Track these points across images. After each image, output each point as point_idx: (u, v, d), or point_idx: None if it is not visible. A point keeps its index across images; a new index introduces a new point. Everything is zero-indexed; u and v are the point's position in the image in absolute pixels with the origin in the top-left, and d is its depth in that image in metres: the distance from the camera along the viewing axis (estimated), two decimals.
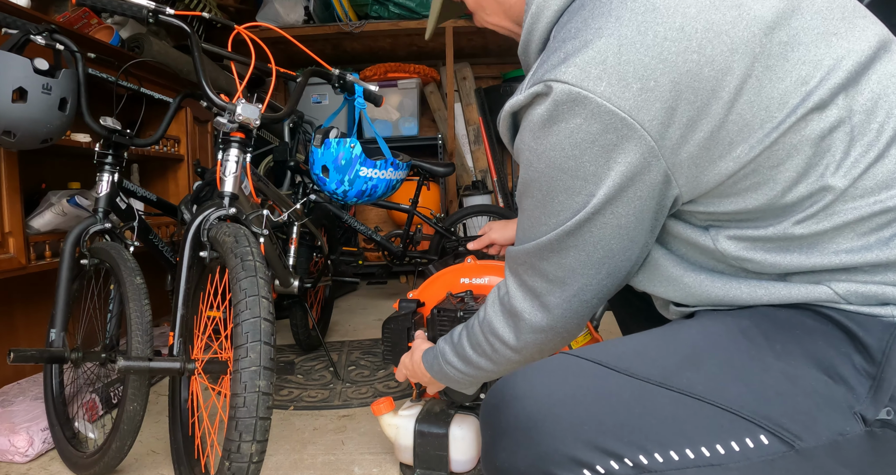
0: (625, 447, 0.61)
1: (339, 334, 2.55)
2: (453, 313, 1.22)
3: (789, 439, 0.59)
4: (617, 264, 0.71)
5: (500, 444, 0.67)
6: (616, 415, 0.63)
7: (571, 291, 0.74)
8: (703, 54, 0.61)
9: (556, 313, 0.76)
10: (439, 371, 0.99)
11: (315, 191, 2.35)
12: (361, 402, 1.76)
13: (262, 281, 1.07)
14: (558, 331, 0.78)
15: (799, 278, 0.67)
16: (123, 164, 1.54)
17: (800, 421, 0.60)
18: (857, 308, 0.64)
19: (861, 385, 0.61)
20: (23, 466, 1.42)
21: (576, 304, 0.75)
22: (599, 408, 0.64)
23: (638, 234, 0.69)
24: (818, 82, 0.62)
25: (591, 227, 0.68)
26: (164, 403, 1.71)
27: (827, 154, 0.62)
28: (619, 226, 0.68)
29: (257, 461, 0.98)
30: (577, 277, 0.72)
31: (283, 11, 3.40)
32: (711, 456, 0.60)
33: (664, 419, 0.62)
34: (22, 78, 1.30)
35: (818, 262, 0.64)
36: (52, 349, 1.36)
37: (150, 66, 2.09)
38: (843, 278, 0.65)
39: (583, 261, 0.71)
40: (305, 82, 1.60)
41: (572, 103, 0.63)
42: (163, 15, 1.31)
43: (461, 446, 1.23)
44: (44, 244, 1.69)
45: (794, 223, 0.64)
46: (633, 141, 0.62)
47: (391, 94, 3.53)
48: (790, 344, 0.64)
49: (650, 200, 0.66)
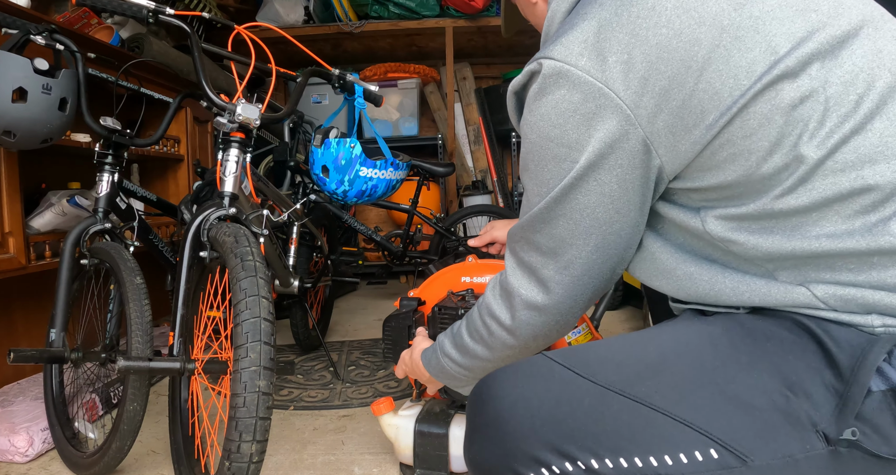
0: (578, 450, 0.65)
1: (339, 334, 2.55)
2: (454, 311, 1.22)
3: (741, 455, 0.60)
4: (605, 238, 0.73)
5: (475, 439, 0.74)
6: (574, 419, 0.67)
7: (563, 262, 0.76)
8: (672, 28, 0.66)
9: (552, 288, 0.77)
10: (437, 366, 0.99)
11: (315, 191, 2.35)
12: (361, 402, 1.76)
13: (262, 281, 1.07)
14: (552, 312, 0.79)
15: (782, 275, 0.67)
16: (123, 164, 1.54)
17: (754, 436, 0.60)
18: (837, 316, 0.63)
19: (827, 402, 0.60)
20: (23, 466, 1.42)
21: (568, 279, 0.76)
22: (560, 411, 0.68)
23: (624, 205, 0.71)
24: (787, 51, 0.63)
25: (576, 194, 0.72)
26: (164, 403, 1.71)
27: (799, 123, 0.63)
28: (603, 193, 0.71)
29: (257, 461, 0.98)
30: (567, 247, 0.75)
31: (283, 11, 3.40)
32: (659, 466, 0.62)
33: (618, 426, 0.65)
34: (22, 78, 1.30)
35: (799, 246, 0.64)
36: (52, 349, 1.36)
37: (150, 66, 2.09)
38: (825, 278, 0.64)
39: (571, 230, 0.74)
40: (305, 82, 1.60)
41: (557, 76, 0.69)
42: (163, 15, 1.31)
43: (461, 446, 1.23)
44: (44, 244, 1.69)
45: (773, 198, 0.64)
46: (610, 109, 0.67)
47: (391, 94, 3.53)
48: (758, 356, 0.65)
49: (633, 169, 0.69)
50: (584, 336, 1.29)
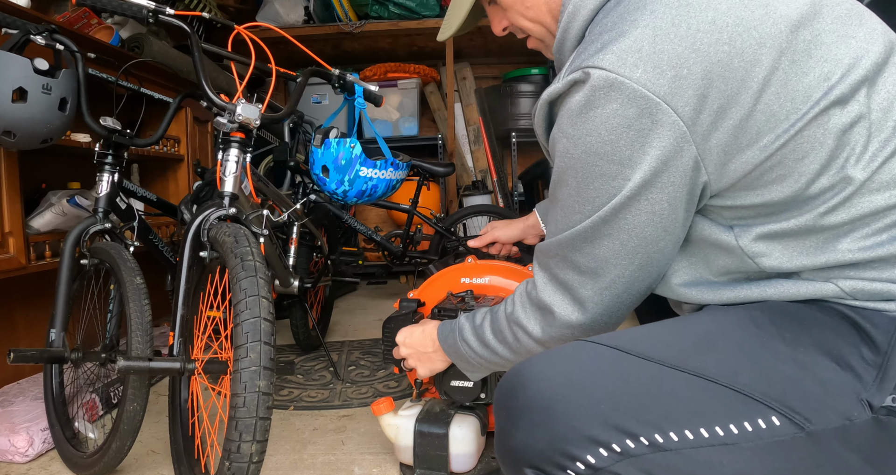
0: (640, 426, 0.63)
1: (339, 334, 2.55)
2: (454, 313, 1.22)
3: (799, 421, 0.61)
4: (650, 255, 0.72)
5: (516, 426, 0.68)
6: (632, 395, 0.65)
7: (604, 283, 0.74)
8: (734, 46, 0.65)
9: (589, 307, 0.76)
10: (452, 345, 0.98)
11: (315, 191, 2.35)
12: (361, 402, 1.76)
13: (262, 281, 1.07)
14: (586, 328, 0.78)
15: (808, 275, 0.69)
16: (123, 164, 1.54)
17: (810, 404, 0.62)
18: (863, 303, 0.66)
19: (867, 373, 0.62)
20: (23, 466, 1.42)
21: (608, 298, 0.75)
22: (615, 388, 0.66)
23: (671, 223, 0.70)
24: (839, 78, 0.65)
25: (626, 214, 0.70)
26: (164, 403, 1.71)
27: (847, 147, 0.65)
28: (654, 212, 0.69)
29: (257, 461, 0.98)
30: (609, 268, 0.73)
31: (283, 11, 3.40)
32: (725, 435, 0.62)
33: (679, 399, 0.64)
34: (22, 78, 1.30)
35: (831, 258, 0.66)
36: (52, 349, 1.36)
37: (150, 66, 2.08)
38: (851, 275, 0.66)
39: (616, 251, 0.72)
40: (305, 82, 1.60)
41: (609, 89, 0.66)
42: (163, 15, 1.31)
43: (461, 446, 1.23)
44: (44, 244, 1.69)
45: (816, 216, 0.66)
46: (667, 126, 0.65)
47: (391, 94, 3.53)
48: (799, 333, 0.66)
49: (682, 187, 0.68)
50: None
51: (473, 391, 1.22)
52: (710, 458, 0.62)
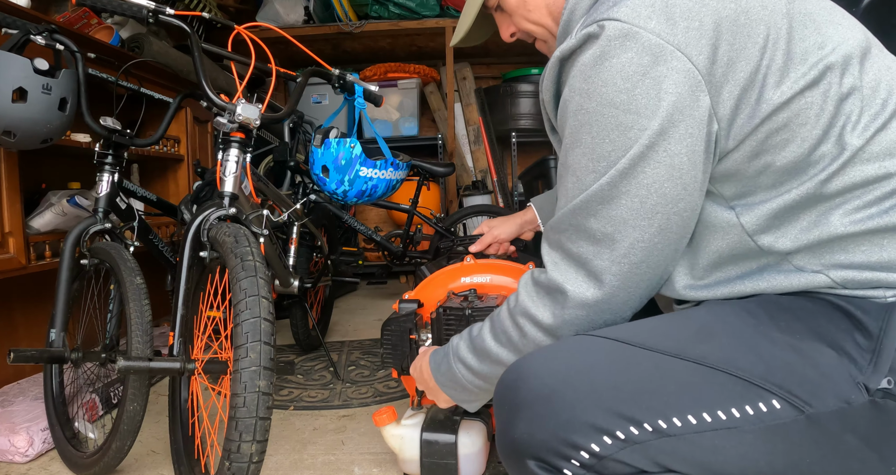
0: (644, 413, 0.64)
1: (339, 334, 2.55)
2: (460, 311, 1.18)
3: (799, 405, 0.63)
4: (669, 218, 0.70)
5: (519, 418, 0.69)
6: (634, 383, 0.66)
7: (621, 250, 0.71)
8: (739, 4, 0.69)
9: (606, 280, 0.72)
10: (447, 371, 0.93)
11: (315, 191, 2.35)
12: (361, 402, 1.76)
13: (262, 281, 1.07)
14: (602, 308, 0.73)
15: (800, 260, 0.70)
16: (123, 164, 1.54)
17: (808, 388, 0.63)
18: (852, 292, 0.68)
19: (862, 358, 0.64)
20: (23, 466, 1.42)
21: (626, 268, 0.71)
22: (617, 377, 0.67)
23: (691, 180, 0.69)
24: (832, 49, 0.69)
25: (644, 167, 0.68)
26: (164, 403, 1.71)
27: (844, 115, 0.68)
28: (673, 166, 0.68)
29: (257, 461, 0.98)
30: (627, 231, 0.70)
31: (283, 11, 3.40)
32: (727, 419, 0.63)
33: (681, 386, 0.65)
34: (22, 78, 1.30)
35: (825, 231, 0.68)
36: (52, 349, 1.36)
37: (150, 66, 2.08)
38: (841, 261, 0.68)
39: (635, 209, 0.69)
40: (305, 82, 1.60)
41: (624, 38, 0.67)
42: (163, 15, 1.31)
43: (470, 453, 1.19)
44: (44, 244, 1.69)
45: (818, 183, 0.68)
46: (683, 73, 0.66)
47: (391, 94, 3.53)
48: (794, 321, 0.68)
49: (700, 140, 0.68)
50: None
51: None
52: (714, 442, 0.64)
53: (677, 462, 0.65)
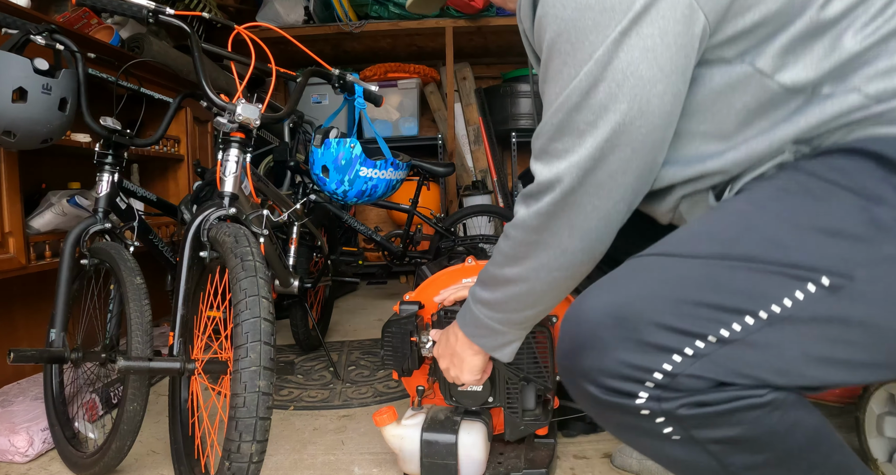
0: (705, 324, 0.64)
1: (339, 334, 2.55)
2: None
3: (845, 275, 0.63)
4: (649, 100, 0.71)
5: (585, 351, 0.69)
6: (690, 296, 0.66)
7: (603, 134, 0.72)
8: None
9: (587, 165, 0.74)
10: (471, 319, 0.97)
11: (315, 191, 2.35)
12: (361, 402, 1.76)
13: (262, 281, 1.07)
14: (571, 179, 0.75)
15: (829, 88, 0.70)
16: (123, 164, 1.54)
17: (854, 255, 0.63)
18: (889, 105, 0.68)
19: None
20: (23, 466, 1.42)
21: (608, 152, 0.73)
22: (673, 292, 0.67)
23: (667, 62, 0.70)
24: None
25: (618, 52, 0.69)
26: (164, 403, 1.70)
27: None
28: (646, 48, 0.69)
29: (257, 461, 0.98)
30: (608, 115, 0.72)
31: (283, 11, 3.40)
32: (781, 311, 0.63)
33: (735, 289, 0.65)
34: (22, 78, 1.30)
35: (846, 50, 0.69)
36: (52, 349, 1.36)
37: (150, 66, 2.09)
38: (869, 73, 0.69)
39: (613, 94, 0.71)
40: (305, 82, 1.60)
41: None
42: (163, 15, 1.31)
43: (471, 453, 1.20)
44: (44, 244, 1.69)
45: (816, 9, 0.68)
46: None
47: (391, 94, 3.53)
48: (828, 185, 0.68)
49: (675, 24, 0.68)
50: None
51: (482, 395, 1.21)
52: (776, 337, 0.63)
53: (751, 367, 0.64)
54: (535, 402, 1.22)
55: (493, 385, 1.22)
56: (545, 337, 1.19)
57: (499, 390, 1.22)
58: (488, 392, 1.21)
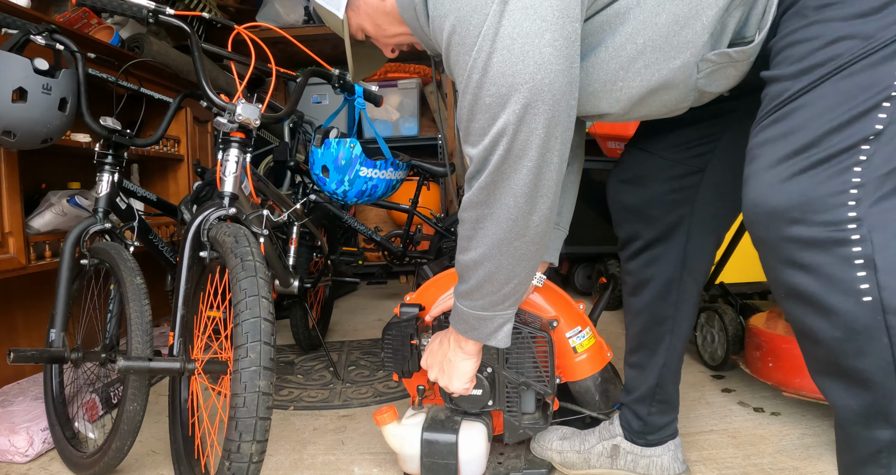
0: (859, 131, 0.68)
1: (339, 334, 2.55)
2: None
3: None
4: (541, 50, 0.73)
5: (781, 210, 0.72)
6: (820, 130, 0.70)
7: (511, 100, 0.75)
8: None
9: (500, 126, 0.77)
10: (459, 316, 0.99)
11: (315, 191, 2.35)
12: (361, 402, 1.76)
13: (262, 281, 1.07)
14: (506, 157, 0.78)
15: None
16: (123, 164, 1.54)
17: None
18: None
19: None
20: (23, 466, 1.42)
21: (527, 109, 0.75)
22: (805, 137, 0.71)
23: (548, 10, 0.73)
24: None
25: (503, 21, 0.73)
26: (164, 403, 1.71)
27: None
28: (526, 6, 0.73)
29: (257, 461, 0.98)
30: (516, 82, 0.74)
31: (283, 11, 3.40)
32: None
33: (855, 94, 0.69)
34: (22, 78, 1.30)
35: None
36: (52, 349, 1.36)
37: (150, 66, 2.09)
38: None
39: (510, 61, 0.74)
40: (305, 82, 1.60)
41: None
42: (163, 15, 1.31)
43: (471, 453, 1.20)
44: (44, 244, 1.69)
45: None
46: None
47: (391, 94, 3.53)
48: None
49: None
50: (589, 340, 1.27)
51: (482, 399, 1.21)
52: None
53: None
54: (535, 406, 1.22)
55: (494, 389, 1.21)
56: (545, 341, 1.18)
57: (498, 394, 1.21)
58: (488, 396, 1.21)
